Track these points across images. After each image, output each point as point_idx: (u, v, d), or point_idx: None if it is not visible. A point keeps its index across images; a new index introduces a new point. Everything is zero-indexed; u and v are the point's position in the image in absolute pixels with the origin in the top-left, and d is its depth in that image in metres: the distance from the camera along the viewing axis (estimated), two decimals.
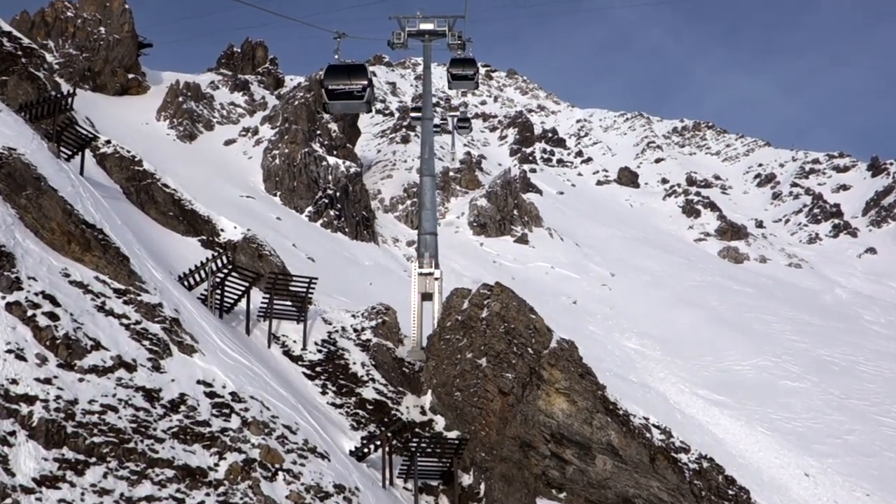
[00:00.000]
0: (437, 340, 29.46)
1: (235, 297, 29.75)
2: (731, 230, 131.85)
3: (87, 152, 34.24)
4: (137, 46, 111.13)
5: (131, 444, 18.74)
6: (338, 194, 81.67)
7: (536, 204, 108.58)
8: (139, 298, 23.40)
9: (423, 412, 28.89)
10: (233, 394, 22.13)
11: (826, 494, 50.31)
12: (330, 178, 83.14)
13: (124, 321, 22.37)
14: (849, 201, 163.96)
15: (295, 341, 30.31)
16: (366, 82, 30.20)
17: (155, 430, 19.60)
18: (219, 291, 28.91)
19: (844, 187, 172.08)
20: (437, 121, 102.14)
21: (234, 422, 21.15)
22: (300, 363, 29.25)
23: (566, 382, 26.45)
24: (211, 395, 21.74)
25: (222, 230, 35.13)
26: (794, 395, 65.68)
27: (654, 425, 30.26)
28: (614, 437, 26.00)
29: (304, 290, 30.71)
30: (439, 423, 28.45)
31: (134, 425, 19.32)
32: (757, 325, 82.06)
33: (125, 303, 22.99)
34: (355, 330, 32.07)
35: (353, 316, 33.06)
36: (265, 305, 30.22)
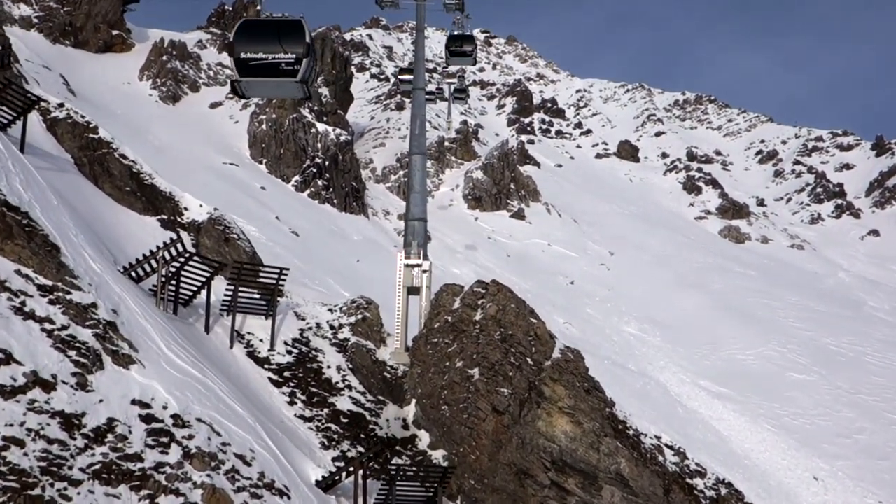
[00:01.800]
0: (424, 344, 25.86)
1: (195, 288, 26.02)
2: (732, 208, 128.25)
3: (34, 117, 30.31)
4: (122, 1, 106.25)
5: (37, 491, 15.13)
6: (327, 163, 77.66)
7: (534, 177, 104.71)
8: (69, 297, 19.68)
9: (406, 426, 25.36)
10: (175, 416, 18.53)
11: (837, 501, 47.24)
12: (319, 146, 79.06)
13: (47, 326, 18.69)
14: (852, 181, 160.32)
15: (262, 340, 26.67)
16: (302, 50, 18.46)
17: (71, 468, 16.01)
18: (174, 283, 25.13)
19: (848, 166, 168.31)
20: (431, 88, 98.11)
21: (174, 454, 17.57)
22: (266, 367, 25.62)
23: (570, 400, 22.90)
24: (148, 418, 18.14)
25: (186, 209, 31.31)
26: (800, 388, 62.48)
27: (666, 445, 26.77)
28: (624, 465, 22.50)
29: (274, 281, 26.95)
30: (423, 439, 24.95)
31: (44, 464, 15.71)
32: (761, 310, 78.75)
33: (51, 303, 19.29)
34: (332, 327, 28.41)
35: (330, 310, 29.38)
36: (229, 298, 26.52)
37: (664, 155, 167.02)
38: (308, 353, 26.86)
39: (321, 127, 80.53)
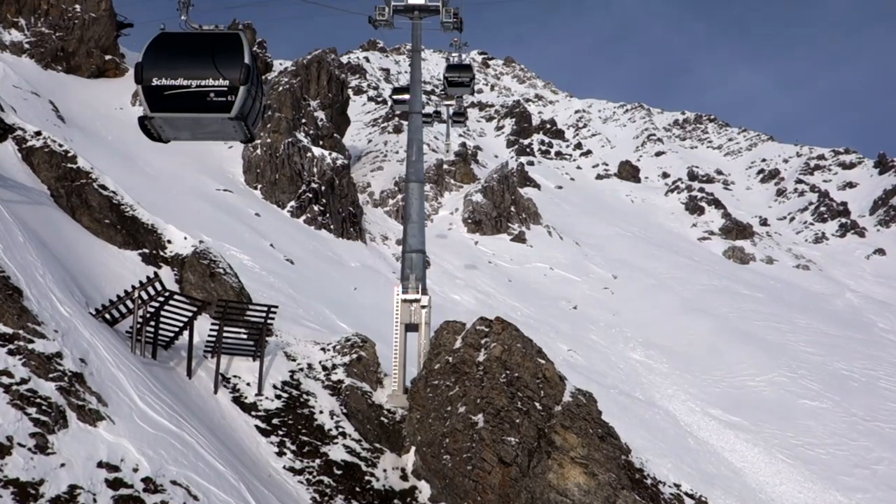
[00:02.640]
0: (423, 386, 23.94)
1: (176, 329, 24.16)
2: (735, 229, 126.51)
3: (9, 146, 28.59)
4: (116, 26, 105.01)
5: None
6: (323, 188, 75.91)
7: (534, 199, 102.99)
8: (31, 347, 17.83)
9: (405, 476, 23.38)
10: (147, 480, 16.59)
11: None
12: (315, 170, 77.36)
13: (4, 381, 16.84)
14: (855, 199, 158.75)
15: (249, 384, 24.74)
16: (238, 75, 13.48)
17: None
18: (153, 324, 23.27)
19: (851, 185, 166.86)
20: (429, 110, 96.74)
21: None
22: (253, 413, 23.68)
23: (584, 450, 20.94)
24: (115, 483, 16.20)
25: (169, 241, 29.46)
26: (814, 416, 60.40)
27: (687, 494, 24.84)
28: None
29: (262, 319, 25.08)
30: (424, 491, 22.96)
31: None
32: (770, 334, 76.71)
33: (10, 353, 17.44)
34: (325, 368, 26.49)
35: (323, 349, 27.47)
36: (213, 339, 24.63)
37: (665, 175, 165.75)
38: (299, 397, 24.94)
39: (317, 151, 78.89)
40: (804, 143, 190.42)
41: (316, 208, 74.59)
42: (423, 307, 27.16)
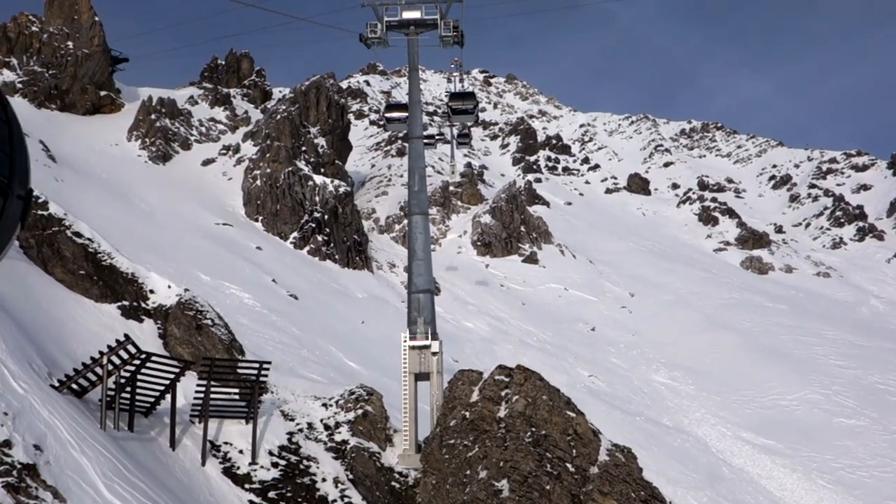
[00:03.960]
0: (438, 447, 21.11)
1: (156, 394, 21.43)
2: (752, 238, 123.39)
3: None
4: (111, 61, 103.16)
5: None
6: (326, 217, 73.35)
7: (544, 217, 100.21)
8: None
9: None
10: None
11: None
12: (317, 199, 74.86)
13: None
14: (870, 202, 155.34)
15: (241, 451, 21.97)
16: None
17: None
18: (129, 390, 20.54)
19: (865, 187, 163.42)
20: (432, 131, 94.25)
21: None
22: (247, 486, 20.89)
23: None
24: None
25: (151, 291, 26.79)
26: (852, 435, 57.20)
27: None
28: None
29: (254, 377, 22.32)
30: None
31: None
32: (797, 349, 73.54)
33: None
34: (327, 427, 23.72)
35: (325, 405, 24.70)
36: (201, 400, 21.89)
37: (675, 186, 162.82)
38: (298, 463, 22.13)
39: (318, 179, 76.42)
40: (815, 147, 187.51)
41: (319, 238, 72.04)
42: (434, 354, 24.35)
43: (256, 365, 22.36)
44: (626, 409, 56.69)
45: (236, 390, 23.18)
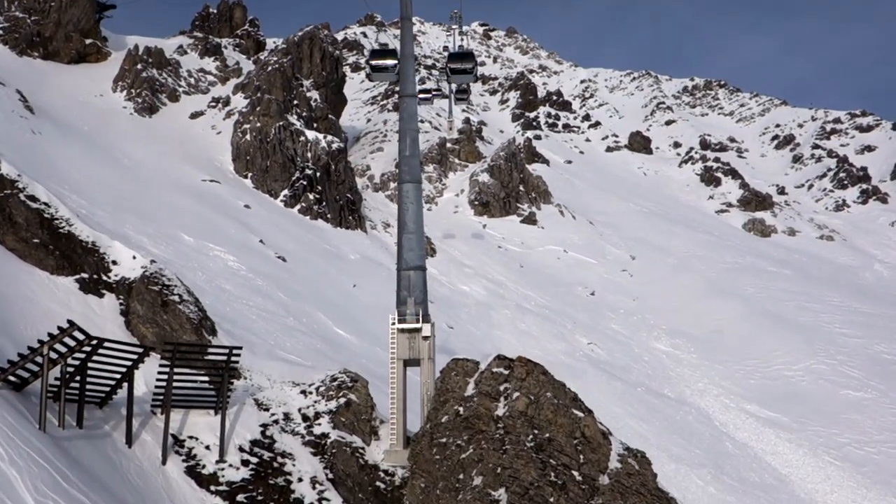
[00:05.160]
0: (428, 445, 18.84)
1: (112, 382, 19.06)
2: (755, 199, 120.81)
3: None
4: (97, 8, 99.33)
5: None
6: (318, 174, 70.63)
7: (544, 176, 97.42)
8: None
9: None
10: None
11: None
12: (309, 155, 72.05)
13: None
14: (874, 163, 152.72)
15: (209, 447, 19.70)
16: None
17: None
18: (79, 380, 18.15)
19: (869, 148, 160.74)
20: (430, 85, 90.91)
21: None
22: (213, 489, 18.65)
23: None
24: None
25: (114, 263, 24.32)
26: (859, 408, 55.33)
27: None
28: None
29: (224, 362, 19.95)
30: None
31: None
32: (802, 316, 71.49)
33: None
34: (305, 418, 21.42)
35: (304, 392, 22.37)
36: (162, 390, 19.54)
37: (676, 144, 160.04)
38: (272, 460, 19.86)
39: (311, 135, 73.49)
40: (819, 107, 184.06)
41: (311, 196, 69.38)
42: (426, 338, 21.95)
43: (226, 351, 19.95)
44: (627, 380, 54.69)
45: (205, 375, 20.82)
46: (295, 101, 78.47)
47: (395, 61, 26.77)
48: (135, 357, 18.94)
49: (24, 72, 79.19)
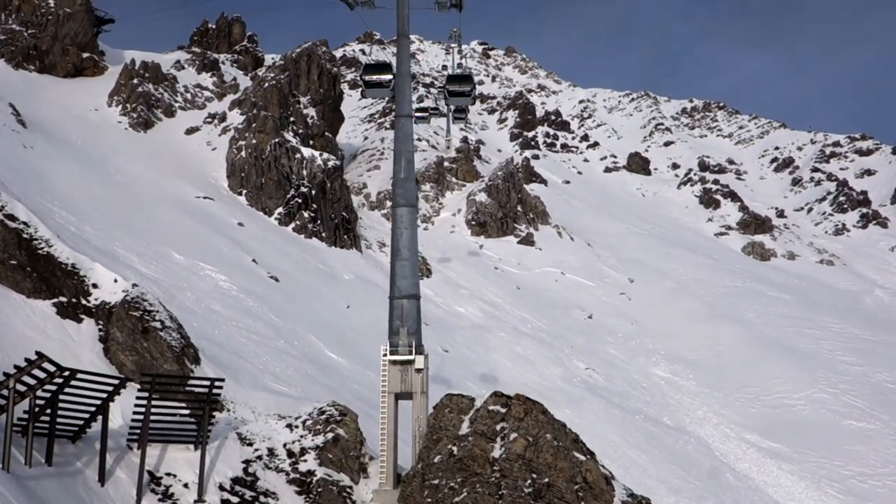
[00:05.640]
0: (419, 487, 17.77)
1: (86, 416, 17.97)
2: (754, 222, 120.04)
3: None
4: (95, 22, 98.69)
5: None
6: (313, 192, 69.67)
7: (542, 197, 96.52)
8: None
9: None
10: None
11: None
12: (304, 172, 71.13)
13: None
14: (875, 187, 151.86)
15: (187, 485, 18.61)
16: None
17: None
18: (49, 414, 17.07)
19: (869, 172, 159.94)
20: (428, 104, 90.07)
21: None
22: None
23: None
24: None
25: (94, 286, 23.25)
26: (863, 440, 54.22)
27: None
28: None
29: (205, 394, 18.87)
30: None
31: None
32: (803, 342, 70.48)
33: None
34: (291, 454, 20.34)
35: (290, 426, 21.29)
36: (139, 423, 18.44)
37: (675, 166, 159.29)
38: (254, 500, 18.78)
39: (307, 152, 72.60)
40: (818, 130, 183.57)
41: (306, 215, 68.42)
42: (419, 371, 20.87)
43: (208, 383, 18.88)
44: (625, 406, 53.60)
45: (186, 407, 19.73)
46: (291, 118, 77.64)
47: (391, 76, 25.66)
48: (110, 389, 17.85)
49: (19, 85, 78.35)
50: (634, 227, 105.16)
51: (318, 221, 68.88)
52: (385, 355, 21.23)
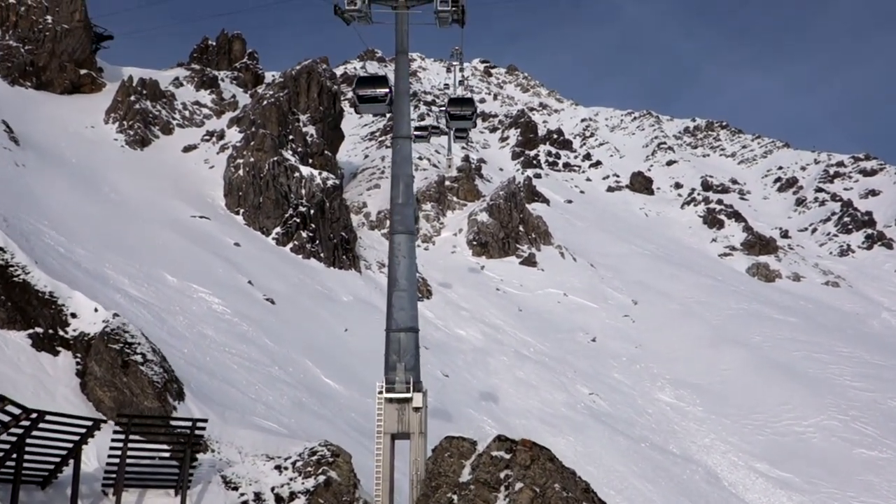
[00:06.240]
0: None
1: (57, 460, 16.59)
2: (758, 243, 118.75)
3: None
4: (94, 38, 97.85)
5: None
6: (312, 212, 68.44)
7: (544, 217, 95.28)
8: None
9: None
10: None
11: None
12: (303, 192, 69.90)
13: None
14: (879, 208, 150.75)
15: None
16: None
17: None
18: (15, 458, 15.70)
19: (873, 192, 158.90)
20: (427, 123, 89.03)
21: None
22: None
23: None
24: None
25: (73, 316, 21.89)
26: (875, 469, 52.67)
27: None
28: None
29: (187, 435, 17.49)
30: None
31: None
32: (811, 367, 69.01)
33: None
34: (279, 499, 18.93)
35: (279, 468, 19.88)
36: (114, 467, 17.04)
37: (678, 185, 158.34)
38: None
39: (305, 171, 71.39)
40: (821, 150, 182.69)
41: (304, 234, 67.14)
42: (417, 410, 19.45)
43: (189, 424, 17.52)
44: (630, 434, 52.08)
45: (167, 448, 18.35)
46: (290, 136, 76.51)
47: (387, 90, 24.16)
48: (83, 431, 16.49)
49: (14, 101, 77.23)
50: (638, 247, 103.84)
51: (317, 241, 67.61)
52: (381, 392, 19.84)
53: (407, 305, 20.86)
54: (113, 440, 17.44)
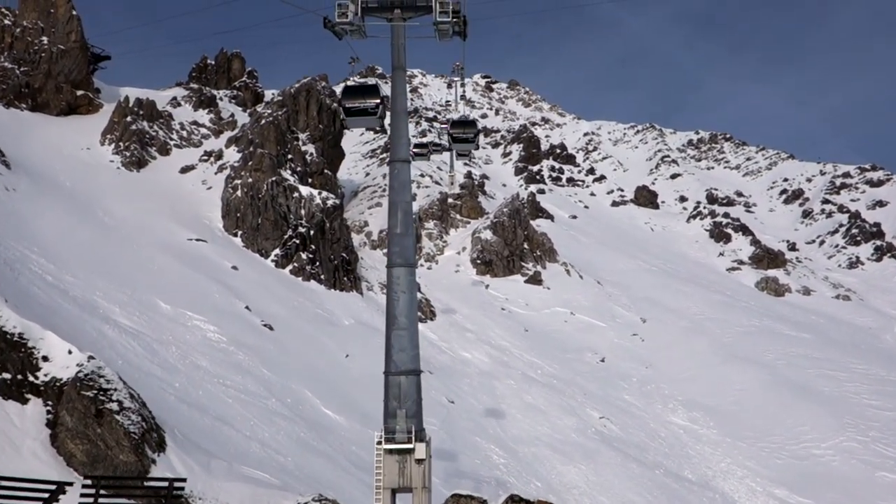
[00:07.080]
0: None
1: None
2: (767, 257, 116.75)
3: None
4: (91, 59, 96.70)
5: None
6: (311, 232, 66.80)
7: (548, 233, 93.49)
8: None
9: None
10: None
11: None
12: (302, 212, 68.30)
13: None
14: (887, 219, 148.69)
15: None
16: None
17: None
18: None
19: (881, 203, 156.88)
20: (428, 140, 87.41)
21: None
22: None
23: None
24: None
25: (45, 359, 20.14)
26: None
27: None
28: None
29: (164, 496, 15.70)
30: None
31: None
32: (827, 385, 67.03)
33: None
34: None
35: None
36: None
37: (682, 199, 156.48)
38: None
39: (305, 191, 69.82)
40: (827, 161, 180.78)
41: (304, 256, 65.49)
42: (420, 461, 17.66)
43: (166, 483, 15.75)
44: (643, 460, 50.14)
45: None
46: (289, 156, 74.97)
47: (377, 101, 22.20)
48: (46, 496, 14.72)
49: (9, 124, 75.97)
50: (644, 263, 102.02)
51: (317, 263, 65.94)
52: (379, 443, 18.04)
53: (407, 345, 19.04)
54: (82, 498, 15.69)
